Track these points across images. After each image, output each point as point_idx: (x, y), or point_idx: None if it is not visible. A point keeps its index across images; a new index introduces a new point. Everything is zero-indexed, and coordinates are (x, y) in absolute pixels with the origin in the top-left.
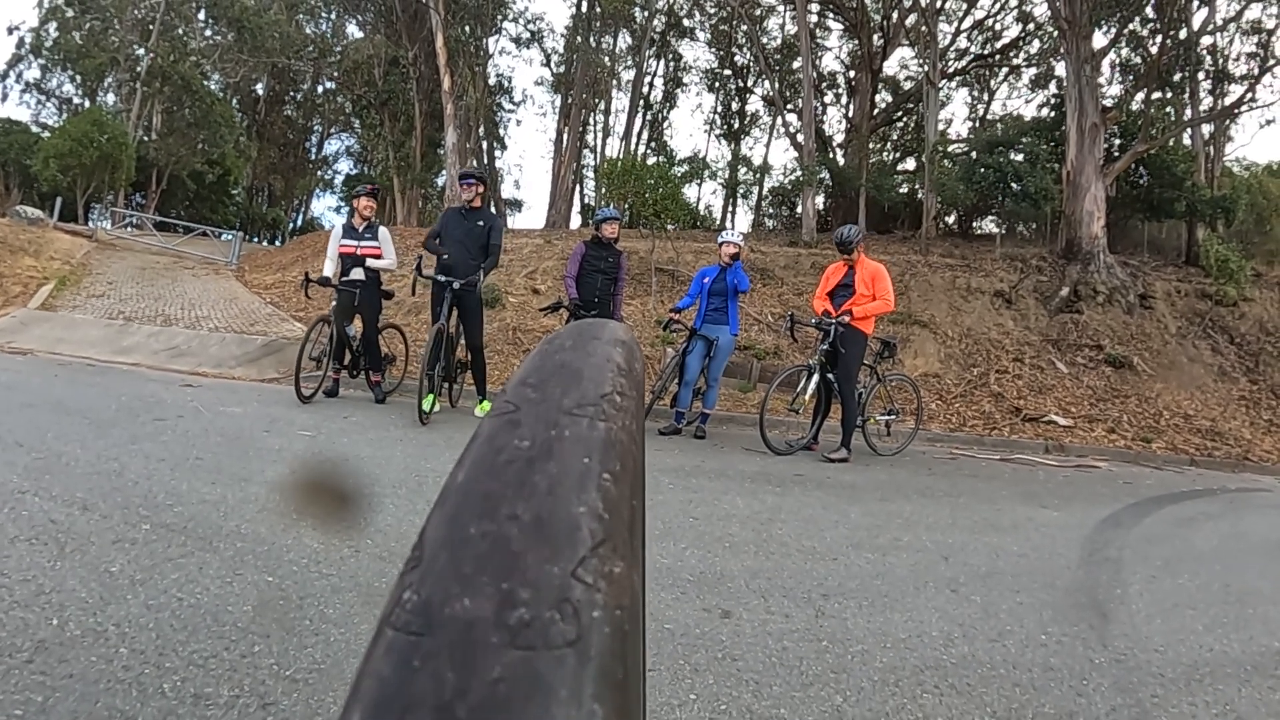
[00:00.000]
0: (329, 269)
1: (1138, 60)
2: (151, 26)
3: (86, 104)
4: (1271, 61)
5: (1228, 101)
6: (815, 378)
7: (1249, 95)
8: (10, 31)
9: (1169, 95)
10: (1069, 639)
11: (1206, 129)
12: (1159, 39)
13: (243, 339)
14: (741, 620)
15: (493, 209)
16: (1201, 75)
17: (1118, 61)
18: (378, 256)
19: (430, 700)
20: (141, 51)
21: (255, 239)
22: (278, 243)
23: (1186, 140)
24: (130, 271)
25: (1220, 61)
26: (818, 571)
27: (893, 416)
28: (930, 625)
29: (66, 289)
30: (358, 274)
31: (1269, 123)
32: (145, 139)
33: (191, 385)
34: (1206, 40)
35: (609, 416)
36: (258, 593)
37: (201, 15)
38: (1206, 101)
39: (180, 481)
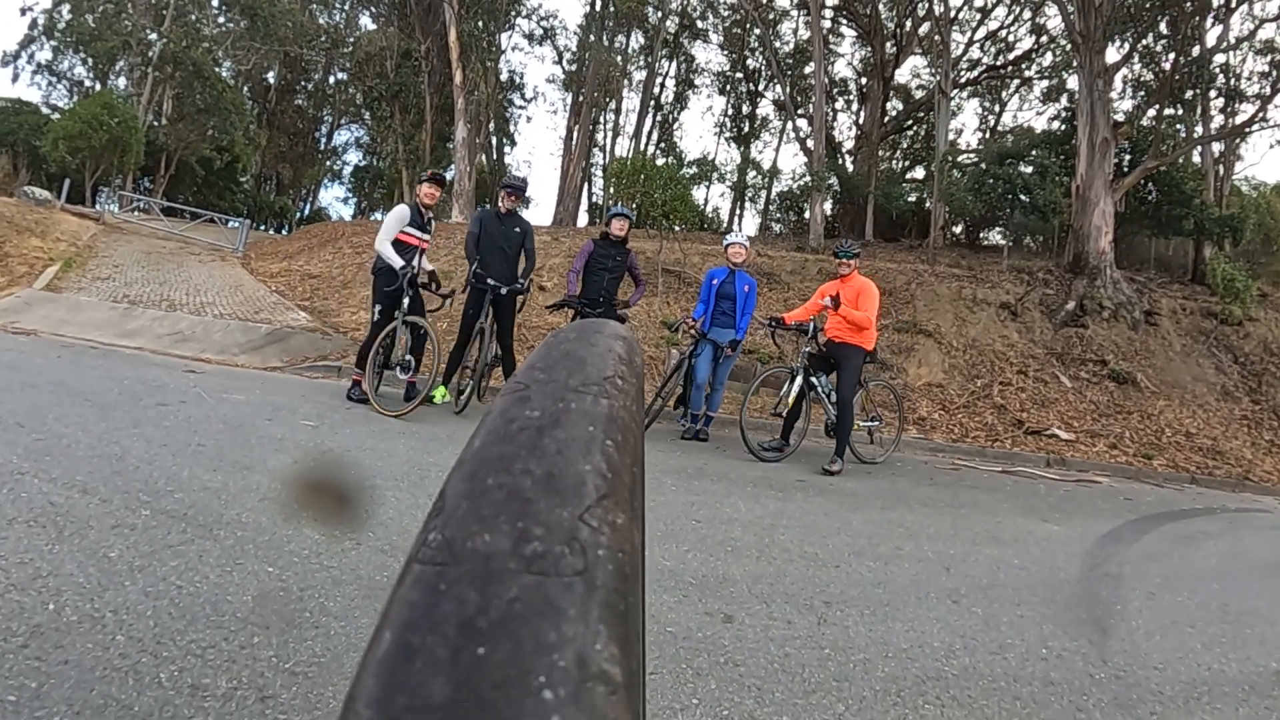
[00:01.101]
0: (399, 260)
1: (1150, 76)
2: (165, 11)
3: (97, 87)
4: None
5: (1239, 120)
6: (799, 380)
7: (1260, 114)
8: (23, 13)
9: (1180, 112)
10: (1069, 654)
11: (1216, 147)
12: (1172, 56)
13: (247, 326)
14: (744, 625)
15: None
16: (1213, 93)
17: (1130, 77)
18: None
19: (454, 617)
20: (154, 36)
21: (262, 227)
22: (285, 231)
23: (1196, 158)
24: (136, 255)
25: (1233, 80)
26: (820, 578)
27: (875, 423)
28: (932, 636)
29: (72, 271)
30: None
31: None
32: (155, 124)
33: (194, 371)
34: (1220, 58)
35: (611, 395)
36: (258, 583)
37: (215, 2)
38: (1218, 120)
39: (181, 467)
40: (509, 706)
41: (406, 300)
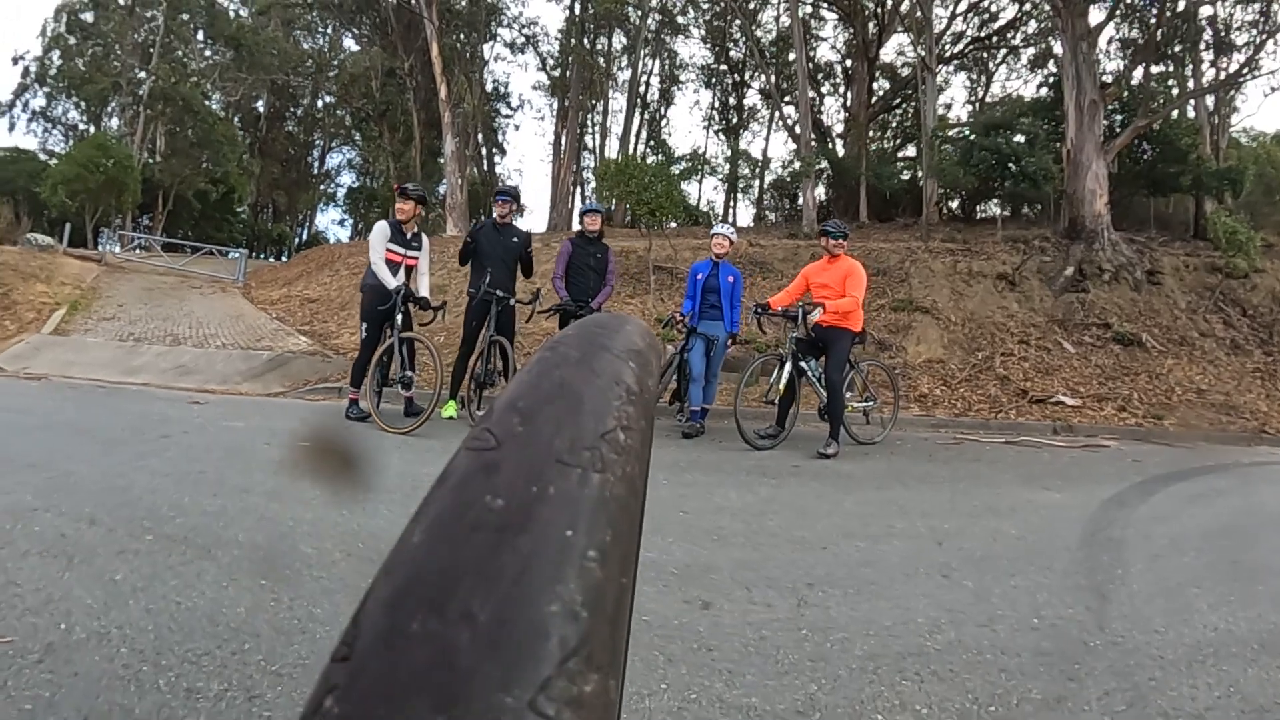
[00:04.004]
0: (393, 279)
1: (1136, 34)
2: (152, 50)
3: (91, 129)
4: (1273, 27)
5: (1230, 71)
6: (789, 366)
7: (1250, 64)
8: (15, 61)
9: (1169, 68)
10: (1063, 622)
11: (1210, 100)
12: (1156, 11)
13: (248, 355)
14: (722, 611)
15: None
16: (1202, 46)
17: (1115, 36)
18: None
19: None
20: (143, 75)
21: (262, 255)
22: (284, 258)
23: (1190, 113)
24: (138, 293)
25: (1221, 32)
26: (805, 561)
27: (870, 404)
28: (917, 612)
29: (78, 313)
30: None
31: (1275, 90)
32: (150, 161)
33: (198, 402)
34: (1206, 10)
35: (606, 465)
36: (251, 596)
37: (200, 35)
38: (1210, 73)
39: (183, 494)
40: None
41: (400, 317)
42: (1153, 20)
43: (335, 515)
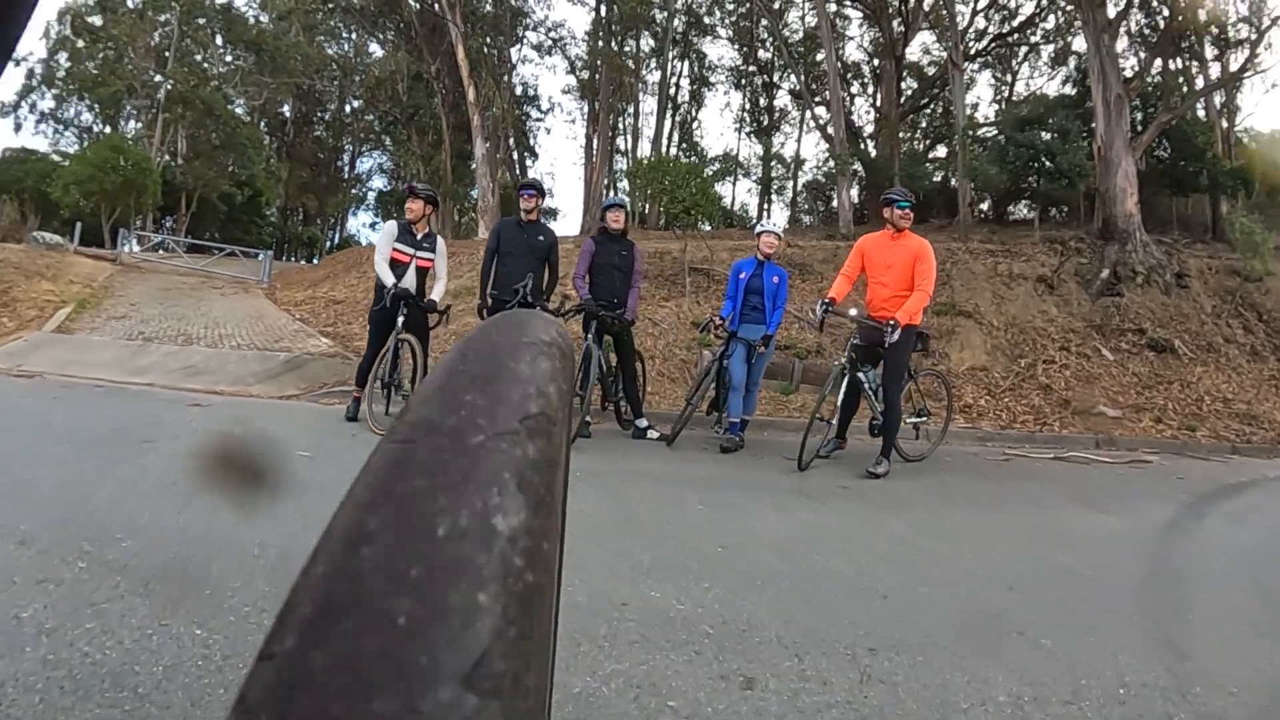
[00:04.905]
0: (390, 278)
1: (1149, 30)
2: (167, 54)
3: (107, 130)
4: (1266, 23)
5: (1232, 68)
6: (846, 378)
7: (1251, 60)
8: (17, 63)
9: (1183, 64)
10: (1148, 689)
11: (1219, 99)
12: (1167, 5)
13: (264, 355)
14: (767, 691)
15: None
16: (1208, 41)
17: (1133, 30)
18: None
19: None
20: (159, 78)
21: (292, 258)
22: (315, 261)
23: (1201, 112)
24: (154, 293)
25: (1221, 28)
26: (864, 616)
27: (922, 419)
28: (996, 687)
29: (85, 311)
30: (409, 282)
31: (1274, 87)
32: (172, 163)
33: (200, 404)
34: (1208, 4)
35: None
36: (177, 648)
37: (220, 40)
38: (1216, 69)
39: (144, 509)
40: None
41: (401, 319)
42: (1167, 12)
43: (311, 540)
